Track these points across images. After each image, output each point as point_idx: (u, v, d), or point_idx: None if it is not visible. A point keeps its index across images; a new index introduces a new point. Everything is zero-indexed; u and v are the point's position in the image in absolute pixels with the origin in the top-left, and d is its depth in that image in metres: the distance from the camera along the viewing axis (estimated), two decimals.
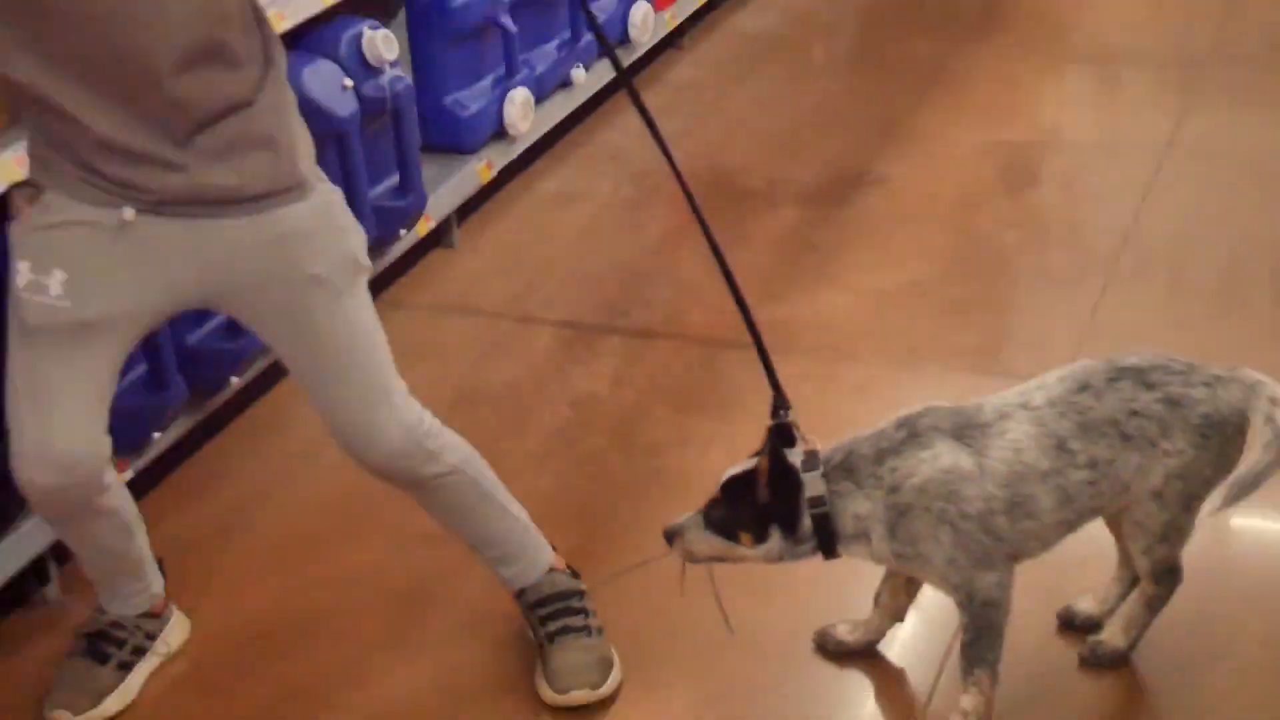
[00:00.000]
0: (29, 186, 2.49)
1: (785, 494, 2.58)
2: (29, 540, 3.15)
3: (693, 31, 5.84)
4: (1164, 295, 4.04)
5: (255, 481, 3.60)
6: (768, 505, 2.59)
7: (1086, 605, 2.93)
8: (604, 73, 5.02)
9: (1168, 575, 2.72)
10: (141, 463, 3.40)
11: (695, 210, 2.69)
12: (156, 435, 3.41)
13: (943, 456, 2.56)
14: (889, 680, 2.91)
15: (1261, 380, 2.66)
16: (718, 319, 3.26)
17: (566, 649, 2.88)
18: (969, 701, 2.66)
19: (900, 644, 2.92)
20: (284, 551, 3.34)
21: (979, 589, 2.58)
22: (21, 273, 2.45)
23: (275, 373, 3.83)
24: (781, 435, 2.65)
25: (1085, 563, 2.92)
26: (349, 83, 3.80)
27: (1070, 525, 2.65)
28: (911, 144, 4.88)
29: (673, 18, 5.58)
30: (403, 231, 4.17)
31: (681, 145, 2.28)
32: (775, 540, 2.60)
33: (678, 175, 2.68)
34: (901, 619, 2.90)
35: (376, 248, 3.74)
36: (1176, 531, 2.67)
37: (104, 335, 2.51)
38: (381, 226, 4.02)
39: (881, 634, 2.91)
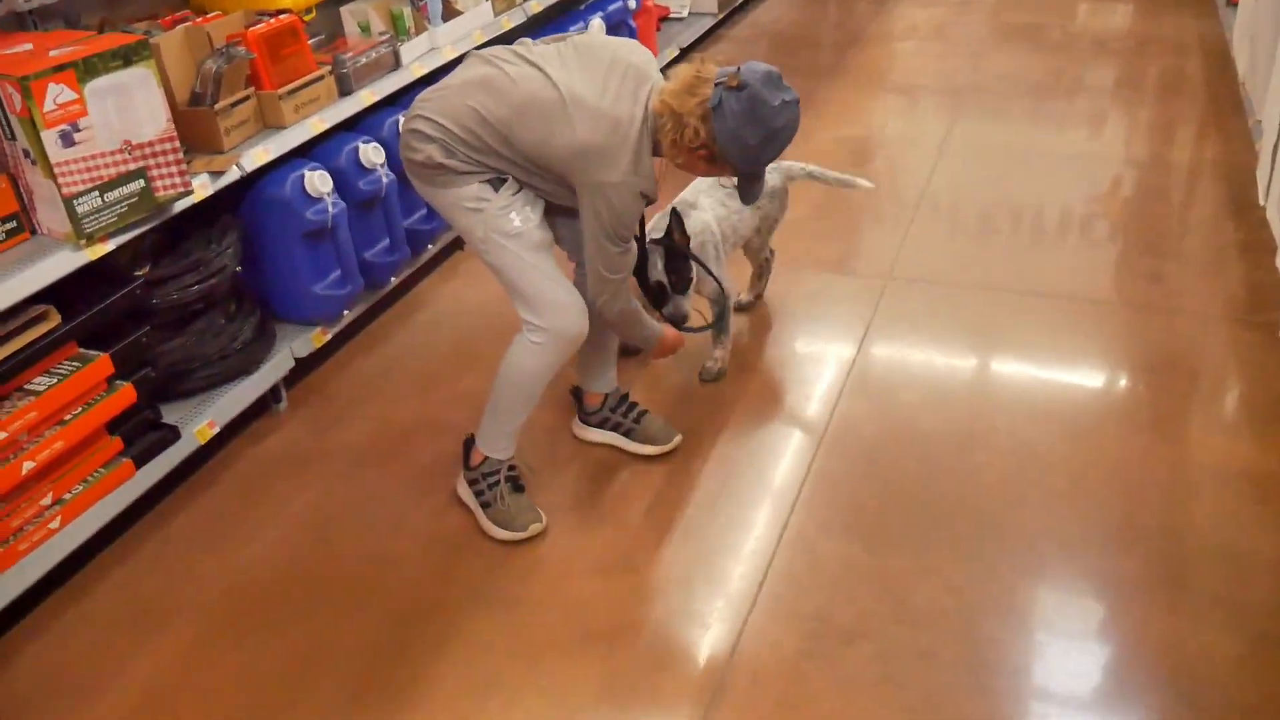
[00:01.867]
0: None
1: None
2: (270, 374, 3.01)
3: None
4: (946, 228, 3.89)
5: (403, 342, 3.43)
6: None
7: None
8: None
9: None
10: (336, 329, 3.23)
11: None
12: (345, 313, 3.23)
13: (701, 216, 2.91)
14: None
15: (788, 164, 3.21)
16: None
17: (651, 421, 2.75)
18: (720, 353, 3.04)
19: None
20: (422, 381, 3.19)
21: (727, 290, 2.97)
22: (515, 220, 2.30)
23: (418, 275, 3.68)
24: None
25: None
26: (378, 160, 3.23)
27: (733, 246, 3.05)
28: (796, 141, 4.56)
29: None
30: (392, 279, 3.47)
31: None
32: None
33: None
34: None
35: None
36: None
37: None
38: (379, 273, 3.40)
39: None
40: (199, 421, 2.75)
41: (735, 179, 2.29)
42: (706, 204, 2.95)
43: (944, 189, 4.11)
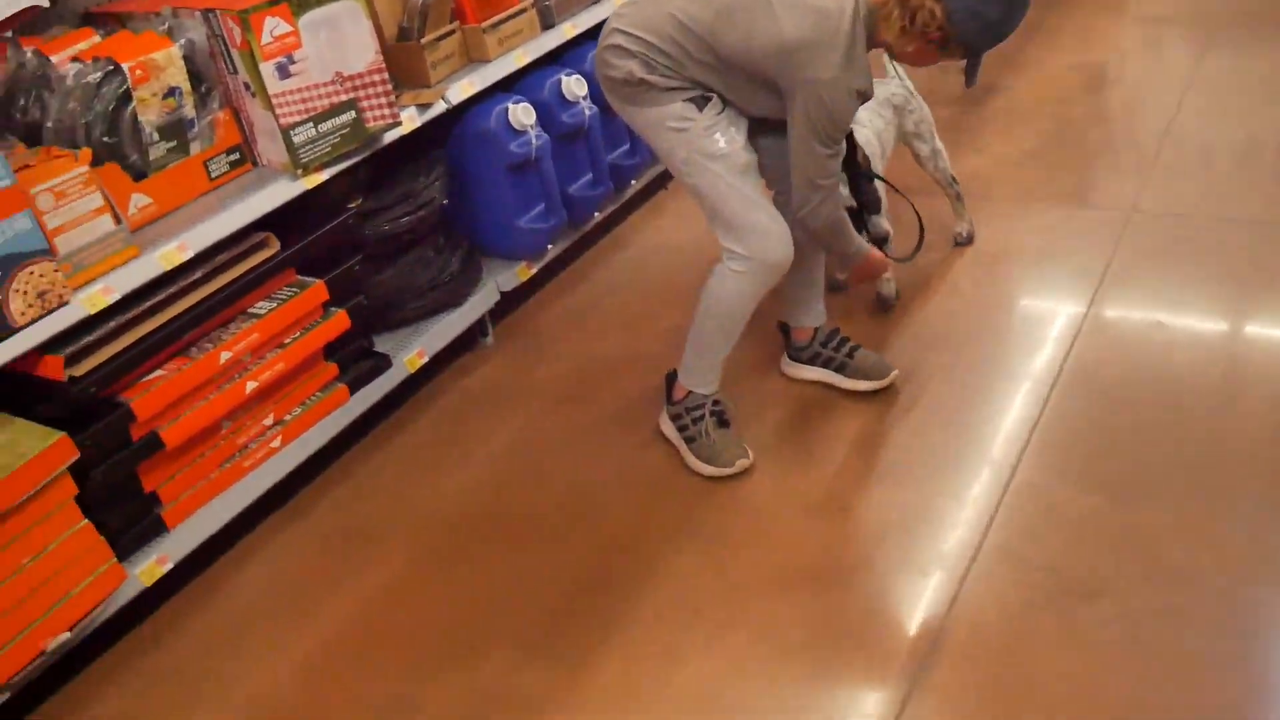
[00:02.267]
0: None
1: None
2: (477, 306, 3.05)
3: None
4: (1198, 158, 3.54)
5: (607, 279, 3.42)
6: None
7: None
8: None
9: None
10: (540, 264, 3.25)
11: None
12: (549, 247, 3.23)
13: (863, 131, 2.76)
14: None
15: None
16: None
17: (865, 356, 2.65)
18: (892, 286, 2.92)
19: None
20: (626, 318, 3.17)
21: None
22: (720, 141, 2.23)
23: (621, 213, 3.66)
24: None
25: None
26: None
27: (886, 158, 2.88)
28: (1024, 67, 4.39)
29: None
30: (596, 215, 3.42)
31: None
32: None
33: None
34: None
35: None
36: None
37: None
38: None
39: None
40: (409, 351, 2.80)
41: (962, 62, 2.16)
42: (864, 118, 2.79)
43: (1192, 122, 3.75)
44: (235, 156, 2.45)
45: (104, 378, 2.16)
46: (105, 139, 2.24)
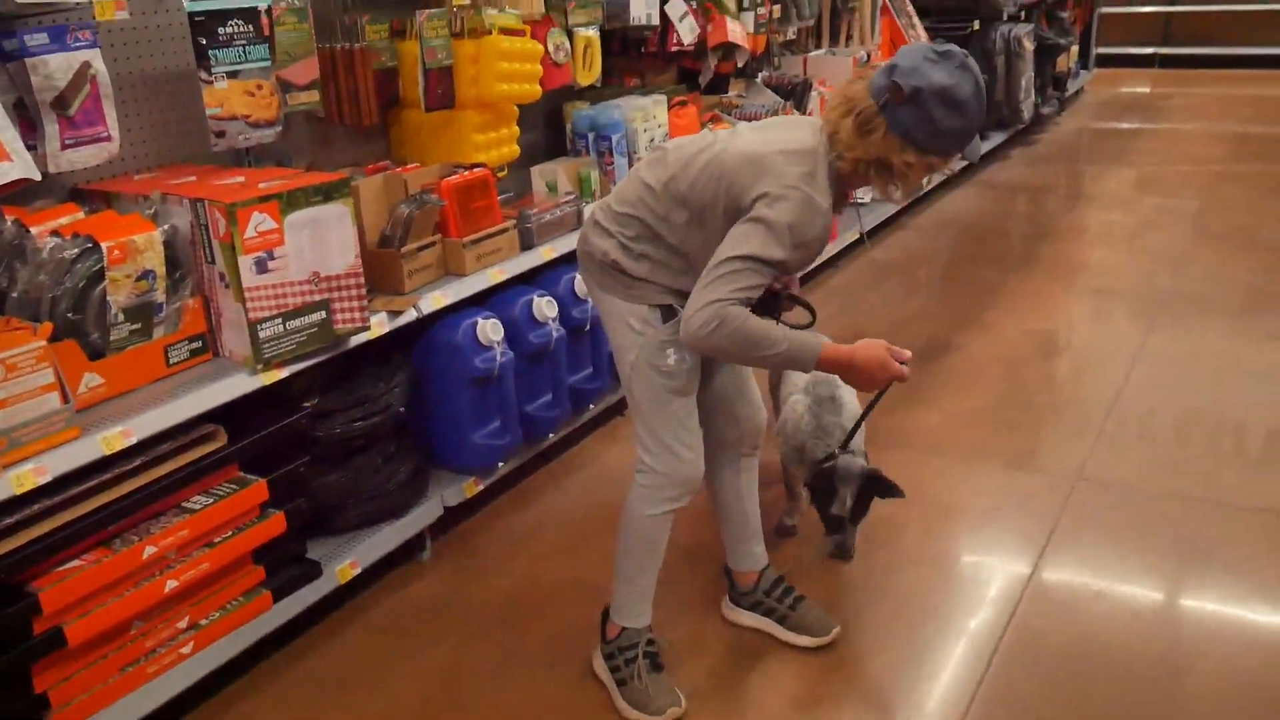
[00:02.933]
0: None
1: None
2: (420, 518, 3.01)
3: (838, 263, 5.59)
4: (1142, 431, 3.67)
5: (556, 501, 3.40)
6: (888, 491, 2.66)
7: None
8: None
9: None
10: (490, 481, 3.24)
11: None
12: (501, 464, 3.23)
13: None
14: None
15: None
16: None
17: (808, 609, 2.64)
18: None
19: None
20: (571, 542, 3.14)
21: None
22: (670, 358, 2.26)
23: (577, 435, 3.68)
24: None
25: None
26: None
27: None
28: (978, 328, 4.59)
29: None
30: (551, 435, 3.43)
31: (835, 322, 2.10)
32: None
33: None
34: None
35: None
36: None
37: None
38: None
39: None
40: (342, 560, 2.74)
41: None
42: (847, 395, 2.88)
43: (1139, 394, 3.90)
44: (197, 345, 2.46)
45: (15, 564, 2.08)
46: (69, 315, 2.24)
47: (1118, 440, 3.56)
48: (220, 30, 2.57)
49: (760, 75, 5.17)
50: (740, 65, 4.71)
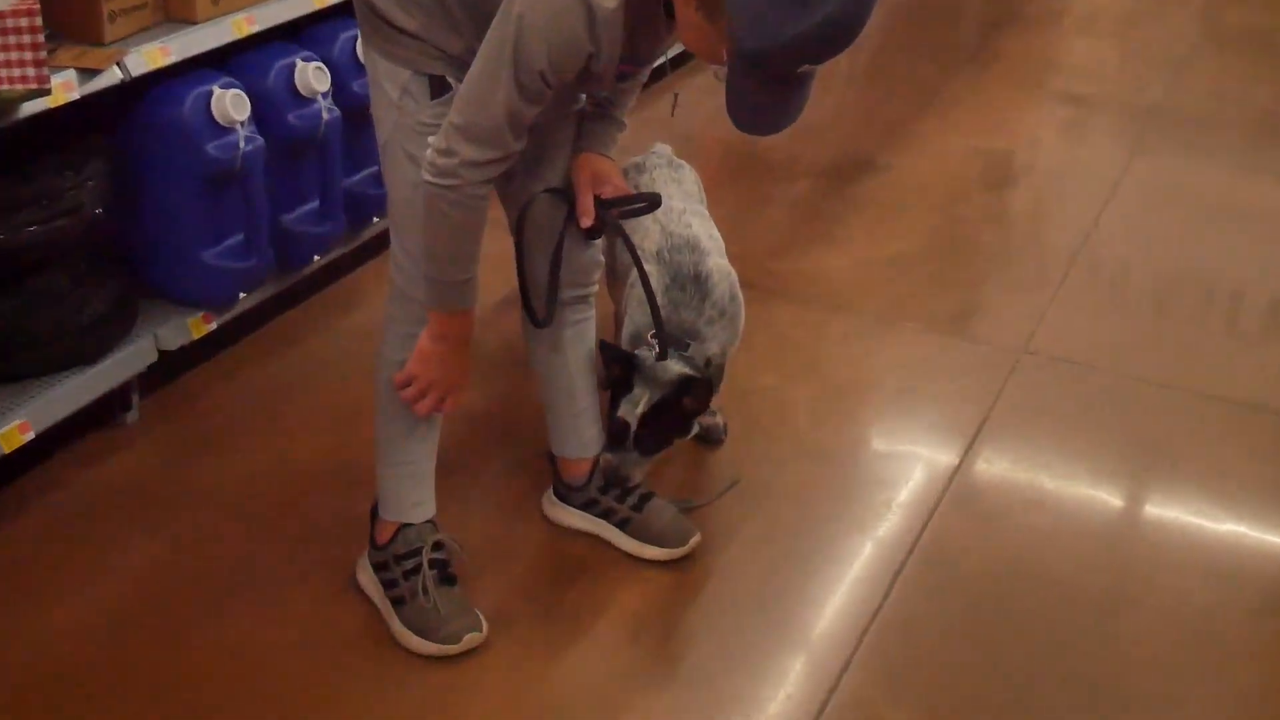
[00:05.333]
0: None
1: (704, 397, 2.59)
2: (122, 367, 2.96)
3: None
4: (1109, 295, 3.88)
5: (320, 351, 3.40)
6: (694, 411, 2.57)
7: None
8: None
9: None
10: (226, 317, 3.20)
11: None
12: (242, 295, 3.18)
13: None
14: None
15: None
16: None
17: (659, 511, 2.68)
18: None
19: None
20: (337, 410, 3.14)
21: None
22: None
23: (352, 260, 3.66)
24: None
25: None
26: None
27: None
28: (910, 142, 4.70)
29: None
30: (316, 258, 3.42)
31: (720, 123, 2.07)
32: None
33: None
34: None
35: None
36: None
37: None
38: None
39: None
40: (8, 421, 2.67)
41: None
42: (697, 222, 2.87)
43: (1111, 242, 4.07)
44: None
45: None
46: None
47: (1078, 303, 3.70)
48: None
49: None
50: None
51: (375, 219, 3.52)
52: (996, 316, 3.62)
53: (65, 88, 2.59)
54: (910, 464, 3.02)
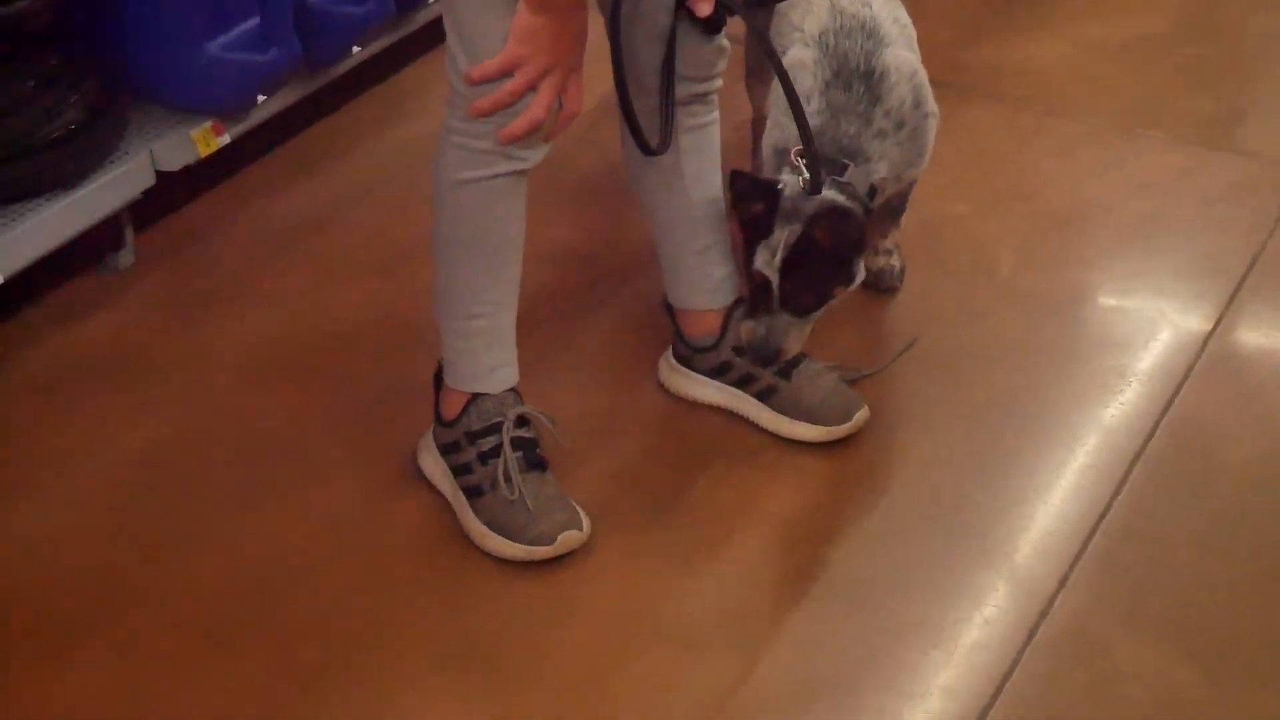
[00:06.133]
0: None
1: (844, 231, 2.51)
2: (109, 193, 3.01)
3: None
4: None
5: (359, 175, 3.45)
6: (835, 249, 2.51)
7: None
8: None
9: None
10: (241, 129, 3.23)
11: None
12: (261, 99, 3.22)
13: None
14: None
15: None
16: None
17: (814, 377, 2.69)
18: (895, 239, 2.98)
19: None
20: (384, 249, 3.21)
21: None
22: None
23: (405, 50, 3.67)
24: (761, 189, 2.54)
25: None
26: None
27: None
28: None
29: None
30: (355, 50, 3.49)
31: None
32: (859, 265, 2.58)
33: None
34: None
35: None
36: None
37: None
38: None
39: None
40: None
41: None
42: None
43: None
44: None
45: None
46: None
47: None
48: None
49: None
50: None
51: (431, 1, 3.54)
52: (1271, 122, 3.57)
53: None
54: (1152, 319, 2.99)
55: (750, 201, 2.54)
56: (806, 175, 2.50)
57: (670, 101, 2.48)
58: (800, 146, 2.52)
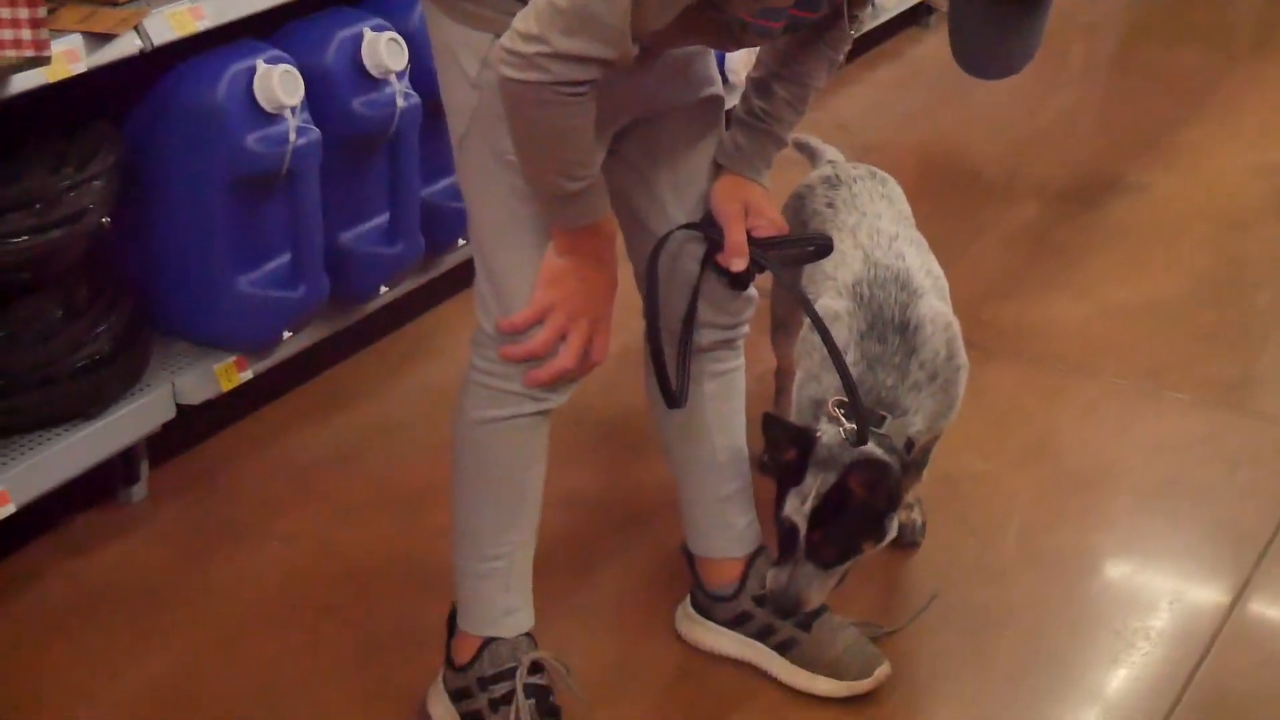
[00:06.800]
0: None
1: (881, 484, 2.47)
2: (128, 426, 3.00)
3: (941, 12, 5.58)
4: None
5: (383, 411, 3.45)
6: (870, 502, 2.47)
7: None
8: None
9: None
10: (265, 364, 3.23)
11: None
12: (286, 335, 3.22)
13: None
14: None
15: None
16: None
17: (833, 631, 2.65)
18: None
19: None
20: (405, 488, 3.19)
21: None
22: None
23: (433, 291, 3.70)
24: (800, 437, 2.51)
25: None
26: None
27: None
28: (1175, 156, 4.70)
29: None
30: (383, 289, 3.49)
31: (916, 124, 2.08)
32: (891, 522, 2.52)
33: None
34: None
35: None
36: None
37: None
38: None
39: None
40: None
41: None
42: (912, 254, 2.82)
43: None
44: None
45: None
46: None
47: None
48: None
49: None
50: None
51: (461, 241, 3.54)
52: None
53: (68, 57, 2.64)
54: (1176, 581, 2.99)
55: (783, 447, 2.53)
56: (849, 425, 2.48)
57: (687, 353, 2.49)
58: (839, 397, 2.51)
